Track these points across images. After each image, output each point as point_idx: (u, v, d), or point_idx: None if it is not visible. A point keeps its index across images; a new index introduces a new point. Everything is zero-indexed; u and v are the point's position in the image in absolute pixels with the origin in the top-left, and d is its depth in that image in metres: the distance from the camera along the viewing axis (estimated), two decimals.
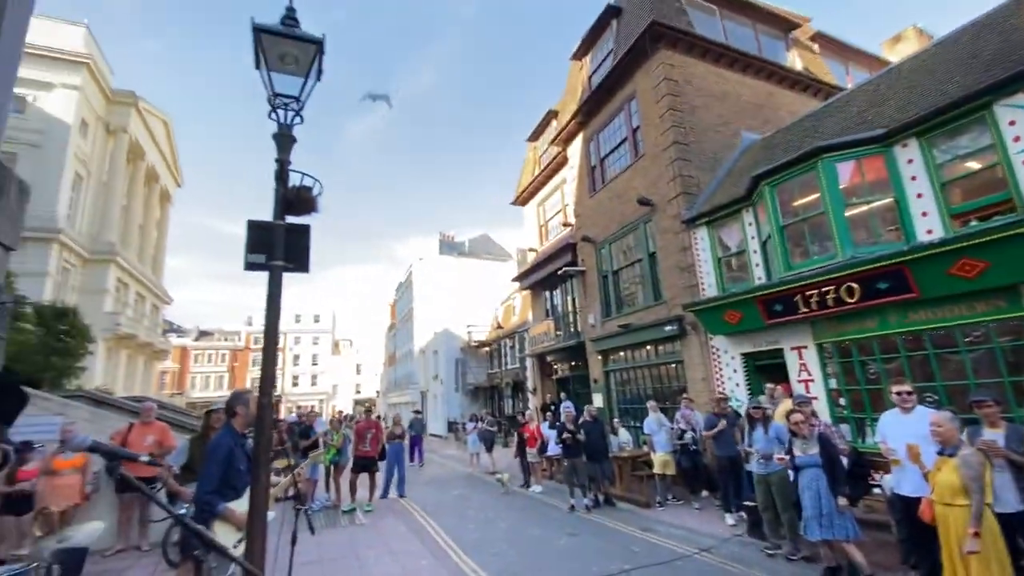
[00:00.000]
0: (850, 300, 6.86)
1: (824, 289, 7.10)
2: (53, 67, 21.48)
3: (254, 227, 3.22)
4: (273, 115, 3.37)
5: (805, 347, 7.95)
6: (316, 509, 8.90)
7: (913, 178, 6.76)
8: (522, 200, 20.10)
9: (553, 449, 10.63)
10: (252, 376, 59.57)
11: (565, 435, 9.06)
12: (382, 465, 9.97)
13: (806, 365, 7.93)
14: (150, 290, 30.37)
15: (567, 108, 15.88)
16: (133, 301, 27.89)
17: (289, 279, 3.27)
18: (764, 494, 6.01)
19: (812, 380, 7.83)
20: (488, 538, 7.13)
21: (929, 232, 6.50)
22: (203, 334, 62.17)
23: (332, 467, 9.74)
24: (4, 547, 5.54)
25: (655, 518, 7.85)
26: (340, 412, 14.39)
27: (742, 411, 8.37)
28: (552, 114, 17.94)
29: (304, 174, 3.30)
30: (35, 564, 3.39)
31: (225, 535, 3.15)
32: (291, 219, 3.35)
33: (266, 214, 3.29)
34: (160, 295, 32.50)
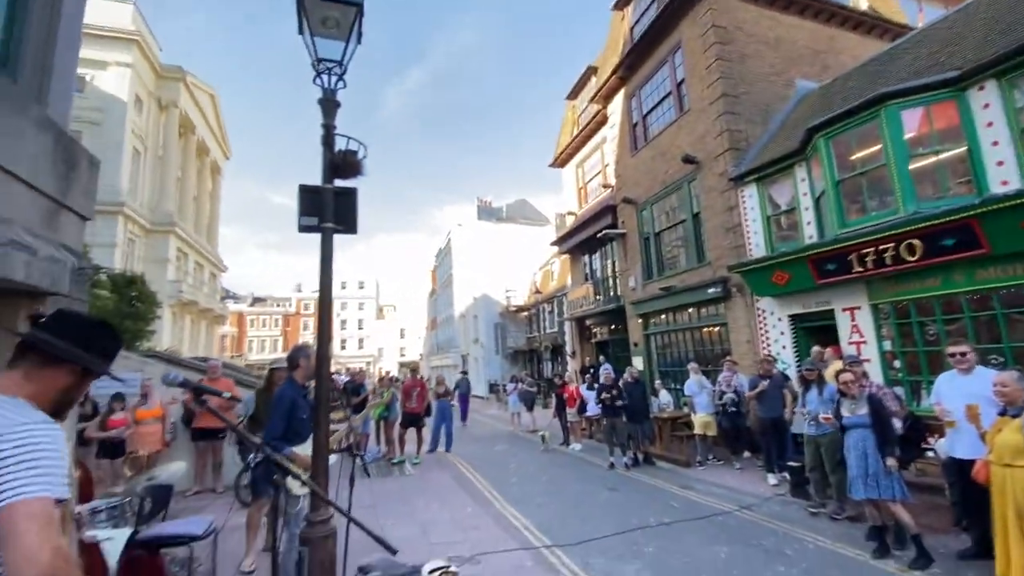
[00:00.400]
0: (911, 258, 6.49)
1: (882, 247, 6.73)
2: (105, 45, 22.29)
3: (305, 191, 3.36)
4: (317, 80, 3.44)
5: (858, 308, 7.63)
6: (368, 460, 9.49)
7: (989, 124, 6.20)
8: (560, 161, 19.73)
9: (592, 409, 10.81)
10: (303, 340, 62.61)
11: (604, 395, 9.19)
12: (428, 421, 10.47)
13: (858, 327, 7.63)
14: (207, 259, 32.09)
15: (608, 63, 15.26)
16: (192, 269, 29.59)
17: (334, 246, 3.39)
18: (813, 455, 5.94)
19: (864, 342, 7.54)
20: (530, 490, 7.43)
21: (1004, 183, 5.99)
22: (257, 300, 65.55)
23: (382, 422, 10.31)
24: (102, 486, 6.24)
25: (695, 477, 7.93)
26: (387, 373, 15.08)
27: (790, 373, 8.23)
28: (592, 70, 17.29)
29: (349, 138, 3.39)
30: (128, 499, 3.84)
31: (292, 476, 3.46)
32: (339, 183, 3.47)
33: (310, 183, 3.41)
34: (216, 263, 34.31)
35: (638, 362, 13.33)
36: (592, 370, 15.03)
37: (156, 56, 25.58)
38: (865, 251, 6.95)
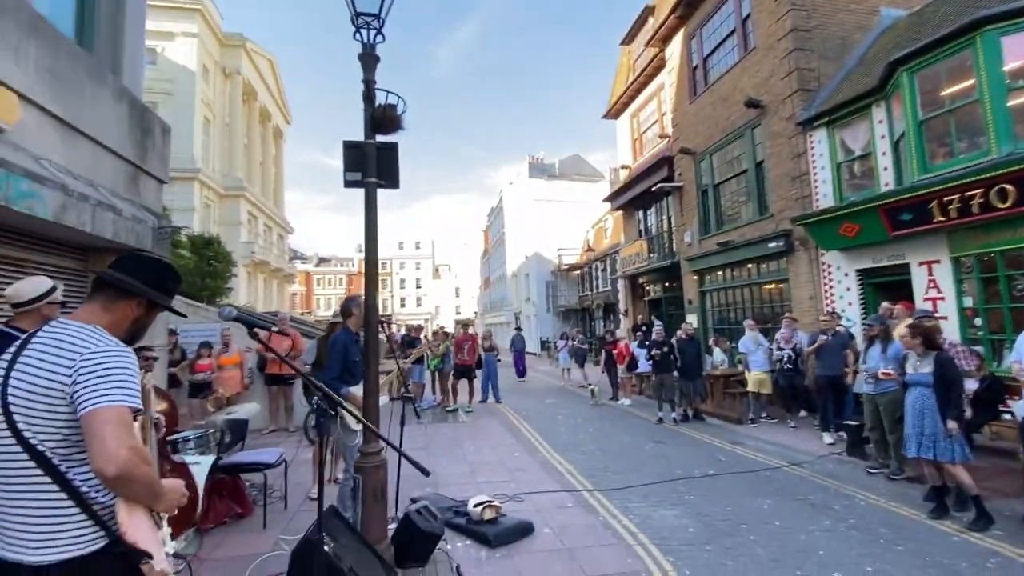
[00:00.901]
0: (1002, 205, 5.83)
1: (969, 193, 6.08)
2: (170, 16, 23.28)
3: (349, 147, 3.49)
4: (357, 36, 3.49)
5: (937, 261, 7.01)
6: (423, 408, 10.08)
7: None
8: (614, 112, 18.90)
9: (643, 366, 10.80)
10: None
11: (655, 352, 9.15)
12: (480, 374, 10.91)
13: (936, 282, 7.04)
14: (275, 221, 33.98)
15: (665, 1, 14.21)
16: (262, 231, 31.49)
17: (389, 208, 3.54)
18: (872, 415, 5.69)
19: (942, 298, 6.96)
20: (576, 439, 7.65)
21: None
22: (322, 260, 69.13)
23: (437, 373, 10.86)
24: (191, 421, 7.06)
25: (746, 433, 7.84)
26: (441, 328, 15.66)
27: (855, 332, 7.80)
28: (648, 11, 16.17)
29: (388, 92, 3.45)
30: (212, 430, 4.36)
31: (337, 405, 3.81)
32: (381, 139, 3.56)
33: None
34: (283, 226, 36.28)
35: (692, 320, 13.04)
36: (644, 328, 14.89)
37: (218, 24, 26.45)
38: (949, 198, 6.31)
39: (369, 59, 3.45)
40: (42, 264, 4.24)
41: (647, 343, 10.06)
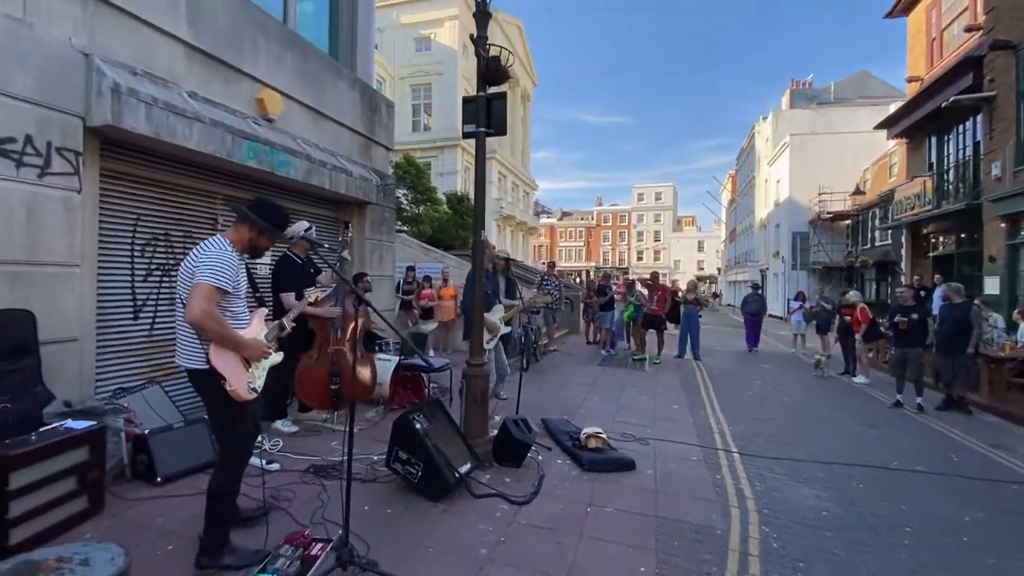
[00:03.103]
0: None
1: None
2: (438, 4, 27.34)
3: (466, 101, 3.96)
4: None
5: None
6: (613, 353, 10.38)
7: None
8: (904, 6, 14.27)
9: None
10: (603, 250, 67.86)
11: (899, 318, 7.29)
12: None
13: None
14: (521, 179, 37.68)
15: None
16: (510, 189, 35.41)
17: (634, 162, 3.91)
18: None
19: None
20: (760, 406, 6.85)
21: None
22: (565, 215, 73.51)
23: (631, 323, 10.92)
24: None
25: None
26: (628, 277, 14.72)
27: None
28: None
29: (491, 45, 3.74)
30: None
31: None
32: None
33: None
34: (529, 183, 39.93)
35: (992, 284, 9.62)
36: (921, 292, 11.55)
37: (471, 1, 29.88)
38: None
39: (482, 17, 3.80)
40: (308, 212, 6.12)
41: (901, 307, 7.98)
